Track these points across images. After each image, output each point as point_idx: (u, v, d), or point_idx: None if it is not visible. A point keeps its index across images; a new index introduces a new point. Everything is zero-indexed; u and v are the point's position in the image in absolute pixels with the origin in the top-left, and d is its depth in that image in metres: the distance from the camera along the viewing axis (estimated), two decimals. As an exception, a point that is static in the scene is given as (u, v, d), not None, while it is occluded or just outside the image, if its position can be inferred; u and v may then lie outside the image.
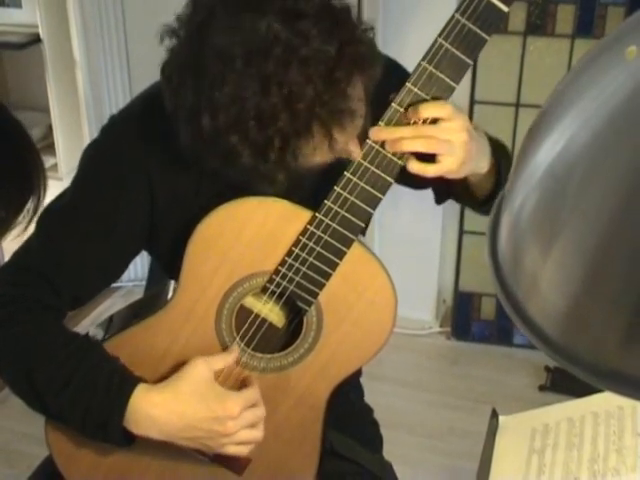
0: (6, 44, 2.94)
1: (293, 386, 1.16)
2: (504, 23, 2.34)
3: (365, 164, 1.05)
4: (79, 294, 1.17)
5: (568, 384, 2.27)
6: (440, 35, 1.01)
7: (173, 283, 1.20)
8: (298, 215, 1.08)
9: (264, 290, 1.11)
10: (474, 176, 1.11)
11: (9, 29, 2.97)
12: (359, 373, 1.38)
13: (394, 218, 2.60)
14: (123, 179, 1.13)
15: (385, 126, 1.03)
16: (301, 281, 1.10)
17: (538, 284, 0.47)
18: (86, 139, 2.69)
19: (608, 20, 2.29)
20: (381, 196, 1.07)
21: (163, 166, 1.12)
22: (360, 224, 1.08)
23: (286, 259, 1.09)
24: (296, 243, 1.08)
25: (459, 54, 1.01)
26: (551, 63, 2.37)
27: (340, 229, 1.08)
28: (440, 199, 1.29)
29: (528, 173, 0.47)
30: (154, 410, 1.05)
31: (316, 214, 1.07)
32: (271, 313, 1.16)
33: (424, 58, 1.02)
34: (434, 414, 2.39)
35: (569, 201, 0.43)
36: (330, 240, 1.08)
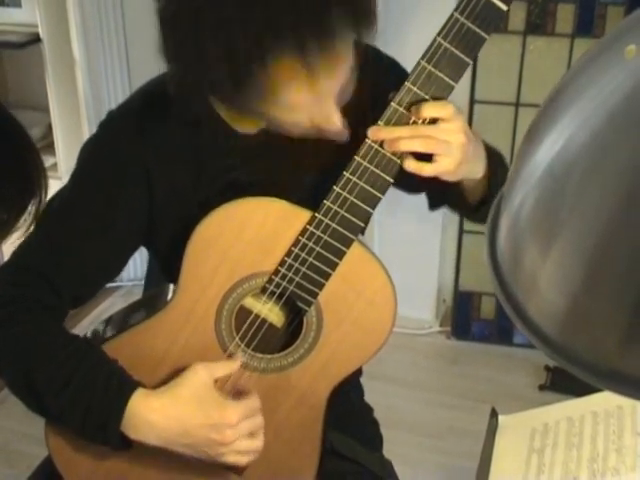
0: (5, 43, 2.94)
1: (293, 386, 1.16)
2: (504, 22, 2.34)
3: (364, 163, 1.05)
4: (79, 292, 1.16)
5: (568, 384, 2.27)
6: (439, 34, 1.01)
7: (172, 286, 1.19)
8: (297, 215, 1.08)
9: (264, 290, 1.11)
10: (468, 181, 1.11)
11: (8, 28, 2.97)
12: (359, 372, 1.38)
13: (394, 217, 2.60)
14: (122, 174, 1.13)
15: (384, 125, 1.04)
16: (301, 281, 1.09)
17: (537, 284, 0.47)
18: (86, 138, 2.68)
19: (608, 19, 2.29)
20: (381, 195, 1.07)
21: (161, 160, 1.12)
22: (360, 224, 1.08)
23: (286, 259, 1.09)
24: (296, 243, 1.08)
25: (458, 53, 1.01)
26: (551, 62, 2.37)
27: (340, 229, 1.07)
28: (434, 204, 1.28)
29: (527, 173, 0.47)
30: (152, 415, 1.04)
31: (315, 214, 1.07)
32: (271, 313, 1.16)
33: (423, 57, 1.01)
34: (434, 413, 2.39)
35: (568, 200, 0.43)
36: (330, 240, 1.08)
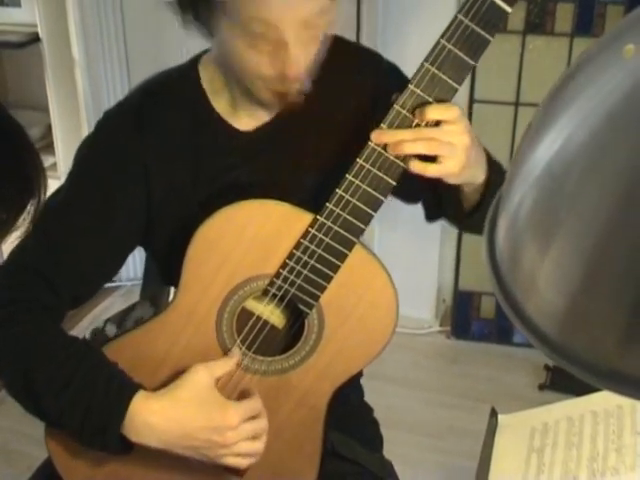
0: (5, 43, 2.93)
1: (295, 388, 1.15)
2: (503, 22, 2.34)
3: (367, 166, 1.04)
4: (77, 292, 1.16)
5: (567, 383, 2.26)
6: (443, 36, 1.00)
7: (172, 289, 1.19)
8: (299, 217, 1.08)
9: (265, 293, 1.11)
10: (468, 186, 1.11)
11: (8, 28, 2.96)
12: (359, 374, 1.37)
13: (394, 217, 2.60)
14: (120, 172, 1.13)
15: (387, 129, 1.03)
16: (302, 284, 1.09)
17: (536, 283, 0.47)
18: (84, 138, 2.68)
19: (607, 19, 2.29)
20: (383, 198, 1.06)
21: (160, 158, 1.12)
22: (362, 226, 1.07)
23: (287, 262, 1.08)
24: (297, 246, 1.08)
25: (462, 55, 1.00)
26: (550, 62, 2.36)
27: (342, 231, 1.07)
28: (431, 215, 1.28)
29: (526, 172, 0.47)
30: (153, 417, 1.03)
31: (317, 216, 1.07)
32: (272, 316, 1.15)
33: (427, 59, 1.01)
34: (433, 413, 2.39)
35: (567, 200, 0.43)
36: (331, 242, 1.07)
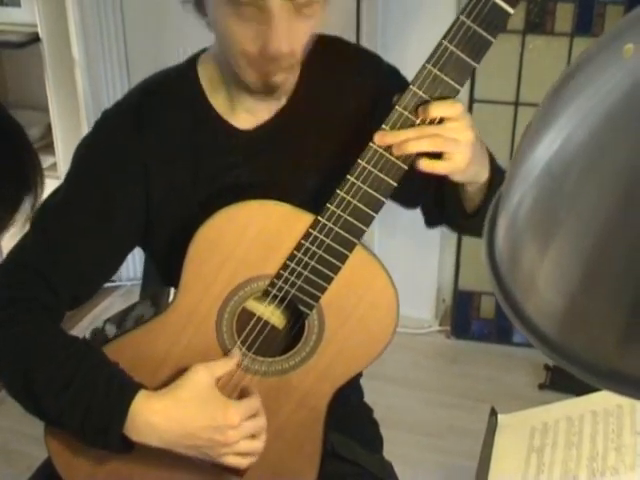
0: (5, 43, 2.94)
1: (295, 389, 1.15)
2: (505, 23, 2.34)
3: (368, 167, 1.04)
4: (76, 292, 1.16)
5: (567, 383, 2.26)
6: (445, 37, 1.00)
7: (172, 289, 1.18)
8: (300, 218, 1.07)
9: (266, 293, 1.11)
10: (472, 185, 1.11)
11: (8, 28, 2.97)
12: (359, 374, 1.37)
13: (394, 217, 2.60)
14: (119, 170, 1.12)
15: (389, 130, 1.03)
16: (303, 285, 1.09)
17: (535, 283, 0.46)
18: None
19: (607, 18, 2.29)
20: (384, 200, 1.06)
21: (159, 156, 1.12)
22: (362, 227, 1.07)
23: (288, 263, 1.08)
24: (298, 247, 1.08)
25: (464, 57, 1.00)
26: (550, 61, 2.36)
27: (342, 233, 1.07)
28: (431, 221, 1.28)
29: (525, 172, 0.47)
30: (154, 417, 1.03)
31: (318, 217, 1.06)
32: (272, 316, 1.15)
33: (429, 60, 1.01)
34: (433, 413, 2.39)
35: (566, 200, 0.43)
36: (332, 244, 1.07)
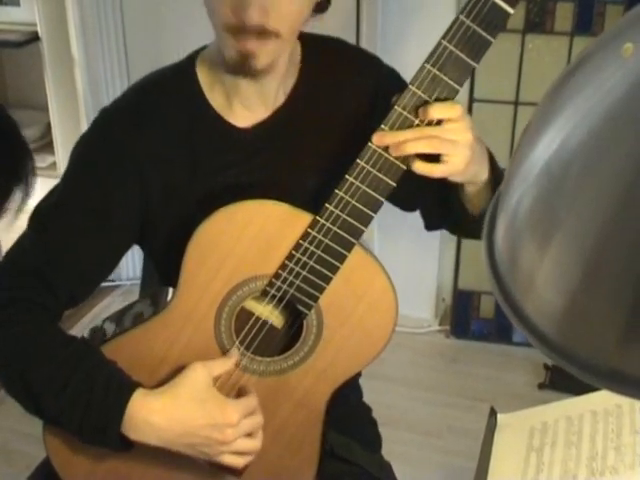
0: (4, 42, 2.94)
1: (293, 389, 1.15)
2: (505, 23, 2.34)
3: (367, 167, 1.04)
4: (74, 291, 1.16)
5: (567, 382, 2.26)
6: (444, 37, 1.00)
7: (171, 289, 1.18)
8: (299, 218, 1.07)
9: (264, 293, 1.10)
10: (472, 185, 1.10)
11: (7, 27, 2.97)
12: (358, 374, 1.37)
13: (393, 216, 2.60)
14: (117, 169, 1.12)
15: (388, 130, 1.03)
16: (301, 285, 1.09)
17: (535, 282, 0.46)
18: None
19: (607, 17, 2.29)
20: (383, 199, 1.06)
21: (157, 154, 1.12)
22: (361, 227, 1.07)
23: (287, 263, 1.08)
24: (297, 247, 1.07)
25: (463, 56, 1.00)
26: (550, 61, 2.36)
27: (341, 232, 1.07)
28: (430, 224, 1.28)
29: (524, 171, 0.47)
30: (152, 416, 1.04)
31: (317, 217, 1.06)
32: (271, 316, 1.15)
33: (428, 60, 1.01)
34: (433, 412, 2.39)
35: (565, 199, 0.43)
36: (331, 244, 1.07)
